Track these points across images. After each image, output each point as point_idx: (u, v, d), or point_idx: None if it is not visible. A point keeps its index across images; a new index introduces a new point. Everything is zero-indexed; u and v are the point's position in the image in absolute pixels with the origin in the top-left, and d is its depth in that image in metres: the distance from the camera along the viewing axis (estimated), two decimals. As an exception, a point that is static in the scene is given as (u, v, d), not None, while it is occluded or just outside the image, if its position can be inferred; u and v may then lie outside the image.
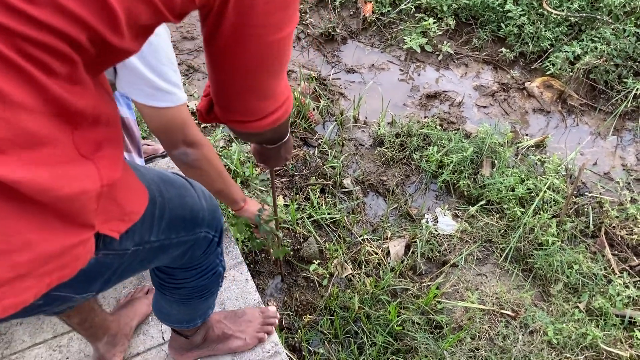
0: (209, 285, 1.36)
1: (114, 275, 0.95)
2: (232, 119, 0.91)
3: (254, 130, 0.93)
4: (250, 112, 0.89)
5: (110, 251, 0.89)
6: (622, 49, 3.33)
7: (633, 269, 2.45)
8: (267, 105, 0.89)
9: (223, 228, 1.29)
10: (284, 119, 0.96)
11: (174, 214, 1.07)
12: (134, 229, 0.93)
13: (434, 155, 2.83)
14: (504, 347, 2.13)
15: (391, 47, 3.75)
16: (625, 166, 3.01)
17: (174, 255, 1.13)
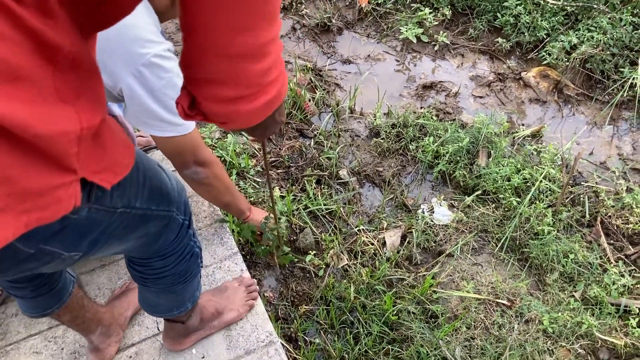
0: (189, 268, 1.36)
1: (102, 236, 0.94)
2: (219, 94, 0.75)
3: (250, 114, 0.80)
4: (243, 80, 0.74)
5: (100, 206, 0.89)
6: (618, 38, 3.32)
7: (629, 257, 2.45)
8: (262, 70, 0.74)
9: (191, 213, 1.31)
10: (283, 96, 0.84)
11: (153, 184, 1.08)
12: (123, 189, 0.94)
13: (430, 146, 2.83)
14: (499, 336, 2.13)
15: (387, 38, 3.74)
16: (621, 155, 3.01)
17: (150, 232, 1.12)
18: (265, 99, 0.78)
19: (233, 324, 1.81)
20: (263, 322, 1.83)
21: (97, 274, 1.96)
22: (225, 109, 0.77)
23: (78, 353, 1.73)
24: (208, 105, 0.78)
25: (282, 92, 0.83)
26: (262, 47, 0.71)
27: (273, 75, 0.77)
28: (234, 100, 0.76)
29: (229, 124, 0.82)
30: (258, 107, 0.79)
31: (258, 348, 1.75)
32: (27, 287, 1.33)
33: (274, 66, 0.76)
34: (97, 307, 1.64)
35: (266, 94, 0.78)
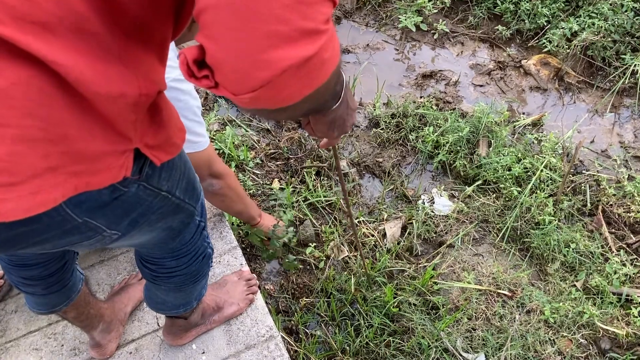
0: (201, 269, 1.36)
1: (140, 219, 0.93)
2: (252, 52, 0.54)
3: (290, 76, 0.57)
4: (282, 20, 0.54)
5: (149, 185, 0.88)
6: (619, 24, 3.28)
7: (630, 246, 2.44)
8: (306, 6, 0.55)
9: (207, 214, 1.32)
10: (335, 59, 0.63)
11: (191, 175, 1.08)
12: (170, 172, 0.94)
13: (430, 136, 2.81)
14: (500, 326, 2.13)
15: (386, 27, 3.70)
16: (622, 143, 2.99)
17: (174, 226, 1.11)
18: (308, 50, 0.56)
19: (233, 318, 1.81)
20: (263, 317, 1.82)
21: (97, 270, 1.96)
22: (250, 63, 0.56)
23: (78, 349, 1.73)
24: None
25: (334, 53, 0.61)
26: None
27: (315, 17, 0.56)
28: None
29: (258, 99, 0.59)
30: (299, 62, 0.56)
31: (258, 343, 1.75)
32: (40, 284, 1.32)
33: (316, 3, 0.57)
34: (100, 303, 1.65)
35: (310, 43, 0.56)
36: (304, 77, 0.58)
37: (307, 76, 0.58)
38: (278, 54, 0.54)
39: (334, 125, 0.95)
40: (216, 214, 2.11)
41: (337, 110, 0.90)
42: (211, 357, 1.72)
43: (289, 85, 0.58)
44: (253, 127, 2.92)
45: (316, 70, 0.59)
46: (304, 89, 0.60)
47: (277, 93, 0.58)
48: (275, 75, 0.55)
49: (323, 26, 0.57)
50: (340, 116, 0.93)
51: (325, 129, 0.96)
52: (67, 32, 0.60)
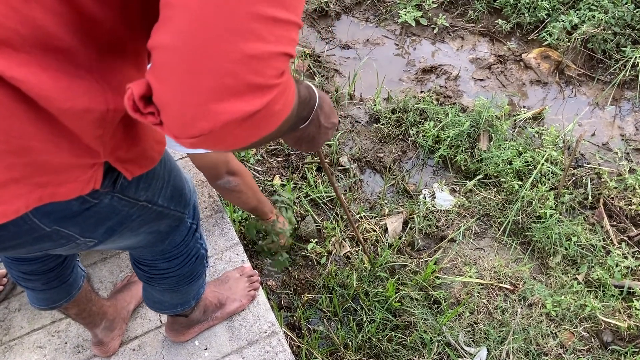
0: (194, 269, 1.36)
1: (118, 227, 0.93)
2: (198, 95, 0.53)
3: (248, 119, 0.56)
4: (230, 73, 0.52)
5: (124, 196, 0.88)
6: (620, 17, 3.27)
7: (632, 239, 2.44)
8: (256, 61, 0.53)
9: (199, 215, 1.30)
10: (290, 95, 0.62)
11: (177, 183, 1.07)
12: (150, 182, 0.94)
13: (431, 130, 2.81)
14: (502, 320, 2.13)
15: (386, 22, 3.69)
16: (624, 136, 2.99)
17: (160, 230, 1.11)
18: (254, 105, 0.55)
19: (235, 314, 1.81)
20: (265, 313, 1.83)
21: (99, 267, 1.97)
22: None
23: (81, 347, 1.74)
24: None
25: (287, 103, 0.62)
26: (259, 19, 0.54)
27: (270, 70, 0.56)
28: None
29: (201, 145, 0.58)
30: (243, 116, 0.55)
31: (261, 338, 1.76)
32: (40, 279, 1.33)
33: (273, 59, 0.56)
34: (103, 302, 1.65)
35: (257, 97, 0.55)
36: (249, 129, 0.58)
37: (252, 127, 0.58)
38: (222, 106, 0.53)
39: (301, 142, 0.97)
40: (217, 210, 2.12)
41: (304, 130, 0.92)
42: (214, 353, 1.73)
43: (231, 136, 0.57)
44: (253, 123, 2.92)
45: (264, 121, 0.58)
46: (249, 138, 0.60)
47: (220, 141, 0.58)
48: (216, 127, 0.55)
49: (274, 80, 0.56)
50: (309, 134, 0.94)
51: (291, 143, 0.99)
52: (32, 49, 0.60)
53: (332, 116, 0.99)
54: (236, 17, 0.51)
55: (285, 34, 0.56)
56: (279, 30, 0.55)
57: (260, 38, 0.53)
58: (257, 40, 0.53)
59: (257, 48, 0.53)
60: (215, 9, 0.51)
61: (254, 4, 0.52)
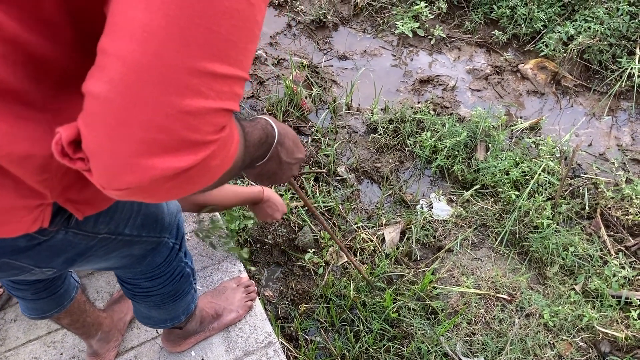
0: (179, 287, 1.34)
1: (79, 257, 0.92)
2: (126, 148, 0.51)
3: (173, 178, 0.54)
4: (163, 129, 0.51)
5: (81, 231, 0.87)
6: (615, 28, 3.30)
7: (629, 249, 2.44)
8: (192, 117, 0.51)
9: (184, 233, 1.28)
10: (230, 150, 0.60)
11: (149, 210, 1.05)
12: (112, 216, 0.92)
13: (428, 141, 2.82)
14: (500, 330, 2.13)
15: (383, 33, 3.72)
16: (620, 146, 3.00)
17: (134, 253, 1.10)
18: (187, 162, 0.53)
19: (232, 325, 1.81)
20: (262, 323, 1.82)
21: (96, 278, 1.96)
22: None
23: (77, 358, 1.73)
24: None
25: (226, 158, 0.60)
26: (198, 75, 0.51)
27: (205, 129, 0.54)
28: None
29: (128, 197, 0.56)
30: (173, 173, 0.53)
31: (257, 349, 1.75)
32: (28, 289, 1.32)
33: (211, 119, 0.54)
34: (98, 312, 1.64)
35: (191, 154, 0.53)
36: (182, 184, 0.55)
37: (185, 183, 0.56)
38: (151, 161, 0.51)
39: (262, 178, 0.94)
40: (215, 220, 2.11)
41: (262, 167, 0.89)
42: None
43: (162, 190, 0.55)
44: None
45: (198, 177, 0.56)
46: (181, 192, 0.57)
47: (148, 195, 0.56)
48: (143, 182, 0.52)
49: (211, 137, 0.54)
50: (268, 171, 0.92)
51: (252, 179, 0.95)
52: None
53: (296, 151, 0.96)
54: (173, 71, 0.49)
55: (227, 89, 0.54)
56: (219, 85, 0.53)
57: (198, 94, 0.51)
58: (195, 96, 0.51)
59: (194, 104, 0.51)
60: (151, 62, 0.48)
61: (194, 58, 0.50)
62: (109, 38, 0.50)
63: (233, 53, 0.53)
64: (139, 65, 0.48)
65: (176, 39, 0.49)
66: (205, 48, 0.50)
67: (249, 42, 0.55)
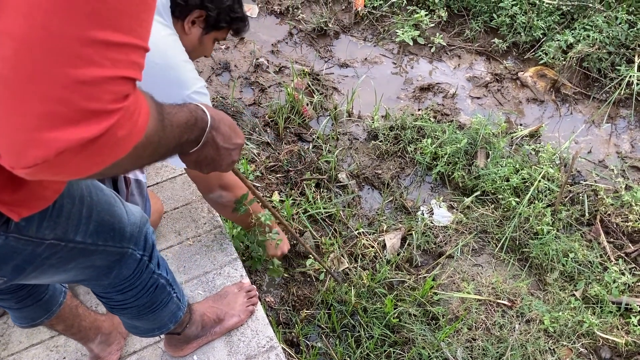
0: (154, 299, 1.31)
1: (28, 265, 0.90)
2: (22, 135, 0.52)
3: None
4: (61, 100, 0.51)
5: (23, 236, 0.85)
6: (614, 36, 3.32)
7: (629, 255, 2.45)
8: (89, 87, 0.52)
9: (154, 244, 1.25)
10: (139, 120, 0.60)
11: (103, 218, 1.03)
12: (56, 220, 0.90)
13: (428, 147, 2.83)
14: (500, 336, 2.13)
15: (384, 41, 3.75)
16: (619, 153, 3.02)
17: (97, 265, 1.08)
18: (91, 132, 0.53)
19: (234, 329, 1.82)
20: (263, 328, 1.83)
21: (98, 283, 1.97)
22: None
23: (80, 362, 1.74)
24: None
25: (135, 129, 0.59)
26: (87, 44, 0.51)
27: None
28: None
29: (38, 174, 0.56)
30: (78, 144, 0.53)
31: (259, 353, 1.76)
32: (11, 298, 1.30)
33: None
34: (96, 316, 1.64)
35: (94, 124, 0.53)
36: (91, 156, 0.55)
37: (95, 155, 0.55)
38: (53, 134, 0.51)
39: (200, 164, 0.95)
40: (216, 226, 2.13)
41: (198, 153, 0.90)
42: (212, 368, 1.73)
43: (71, 164, 0.54)
44: (253, 140, 2.95)
45: (107, 148, 0.56)
46: (94, 166, 0.57)
47: (59, 170, 0.55)
48: (49, 156, 0.52)
49: (113, 105, 0.53)
50: (206, 157, 0.93)
51: (191, 166, 0.96)
52: None
53: (234, 137, 0.97)
54: (63, 42, 0.49)
55: (123, 57, 0.54)
56: (114, 53, 0.53)
57: (92, 63, 0.51)
58: (89, 65, 0.51)
59: (89, 73, 0.51)
60: (39, 35, 0.48)
61: (84, 28, 0.50)
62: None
63: (125, 21, 0.53)
64: (27, 40, 0.48)
65: (62, 10, 0.49)
66: (92, 17, 0.50)
67: (142, 12, 0.55)
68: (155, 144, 0.68)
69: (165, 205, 2.18)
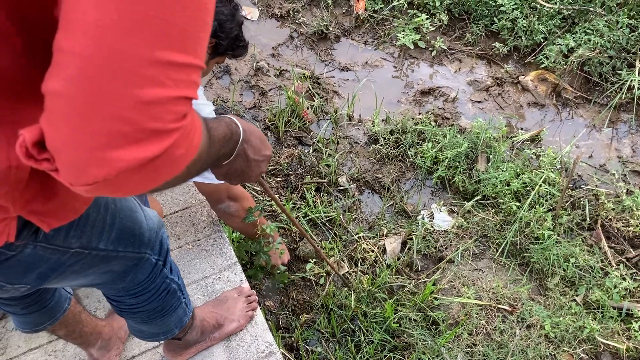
0: (165, 304, 1.33)
1: (52, 273, 0.91)
2: (89, 145, 0.52)
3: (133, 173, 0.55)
4: (126, 120, 0.51)
5: (50, 245, 0.85)
6: (615, 40, 3.32)
7: (630, 260, 2.44)
8: (153, 107, 0.52)
9: (168, 250, 1.26)
10: (194, 139, 0.61)
11: (124, 225, 1.03)
12: (82, 229, 0.91)
13: (429, 152, 2.83)
14: (501, 341, 2.12)
15: (384, 44, 3.74)
16: (620, 158, 3.01)
17: (114, 270, 1.08)
18: (152, 151, 0.54)
19: (233, 335, 1.81)
20: (263, 333, 1.82)
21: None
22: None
23: (78, 366, 1.73)
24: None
25: (190, 148, 0.60)
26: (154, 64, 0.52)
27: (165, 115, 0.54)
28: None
29: (96, 192, 0.56)
30: (139, 163, 0.54)
31: (258, 359, 1.75)
32: (18, 304, 1.31)
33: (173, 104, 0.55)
34: (97, 321, 1.64)
35: (155, 143, 0.54)
36: (148, 175, 0.56)
37: (152, 173, 0.56)
38: (117, 153, 0.52)
39: (230, 176, 0.97)
40: (216, 230, 2.12)
41: (230, 165, 0.92)
42: (211, 373, 1.72)
43: (130, 182, 0.55)
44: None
45: (165, 167, 0.56)
46: (150, 184, 0.58)
47: (117, 189, 0.56)
48: (111, 175, 0.53)
49: (173, 125, 0.54)
50: (237, 169, 0.94)
51: (221, 177, 0.98)
52: None
53: (263, 149, 0.99)
54: (130, 63, 0.50)
55: (185, 77, 0.54)
56: (177, 74, 0.53)
57: (156, 83, 0.51)
58: (154, 85, 0.51)
59: (154, 93, 0.51)
60: (107, 55, 0.49)
61: (149, 49, 0.50)
62: (63, 35, 0.50)
63: (188, 42, 0.54)
64: (95, 60, 0.49)
65: (130, 31, 0.49)
66: (160, 38, 0.51)
67: (202, 31, 0.56)
68: (203, 160, 0.69)
69: (164, 209, 2.17)
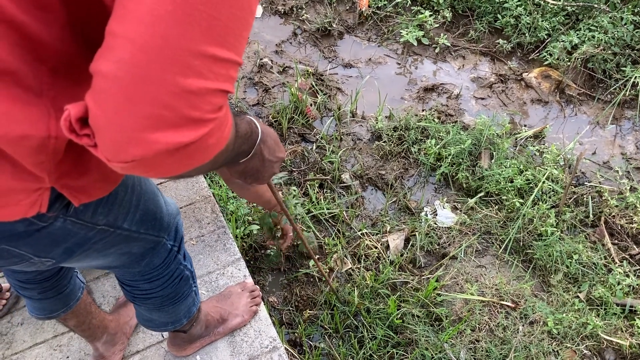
0: (178, 290, 1.36)
1: (77, 249, 0.93)
2: (132, 123, 0.54)
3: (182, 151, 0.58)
4: (168, 106, 0.54)
5: (79, 220, 0.88)
6: (619, 37, 3.31)
7: (633, 257, 2.44)
8: (194, 96, 0.55)
9: (183, 237, 1.30)
10: (226, 130, 0.64)
11: (148, 207, 1.07)
12: (110, 207, 0.94)
13: (432, 148, 2.83)
14: (504, 338, 2.13)
15: (388, 41, 3.74)
16: (624, 155, 3.00)
17: (133, 251, 1.11)
18: (188, 137, 0.57)
19: (237, 329, 1.82)
20: (266, 328, 1.83)
21: (102, 282, 1.97)
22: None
23: (83, 361, 1.74)
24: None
25: (222, 137, 0.63)
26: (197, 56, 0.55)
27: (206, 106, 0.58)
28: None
29: (131, 170, 0.59)
30: (175, 147, 0.56)
31: (262, 354, 1.76)
32: (35, 288, 1.34)
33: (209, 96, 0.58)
34: (104, 315, 1.66)
35: (191, 130, 0.57)
36: (181, 159, 0.59)
37: (185, 158, 0.59)
38: (155, 135, 0.55)
39: (245, 175, 1.00)
40: (220, 226, 2.13)
41: (247, 164, 0.95)
42: (215, 368, 1.73)
43: (164, 164, 0.58)
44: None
45: (197, 153, 0.60)
46: (181, 168, 0.61)
47: (151, 169, 0.59)
48: (148, 155, 0.56)
49: (210, 115, 0.58)
50: (252, 168, 0.97)
51: (237, 176, 1.01)
52: None
53: (278, 150, 1.02)
54: (178, 53, 0.53)
55: (224, 72, 0.58)
56: (218, 68, 0.57)
57: (199, 74, 0.55)
58: (197, 76, 0.55)
59: (196, 84, 0.55)
60: (158, 44, 0.52)
61: (197, 42, 0.54)
62: (117, 22, 0.54)
63: (231, 39, 0.57)
64: (147, 46, 0.52)
65: (181, 23, 0.53)
66: (207, 33, 0.54)
67: (244, 30, 0.59)
68: (229, 152, 0.73)
69: (168, 205, 2.18)
